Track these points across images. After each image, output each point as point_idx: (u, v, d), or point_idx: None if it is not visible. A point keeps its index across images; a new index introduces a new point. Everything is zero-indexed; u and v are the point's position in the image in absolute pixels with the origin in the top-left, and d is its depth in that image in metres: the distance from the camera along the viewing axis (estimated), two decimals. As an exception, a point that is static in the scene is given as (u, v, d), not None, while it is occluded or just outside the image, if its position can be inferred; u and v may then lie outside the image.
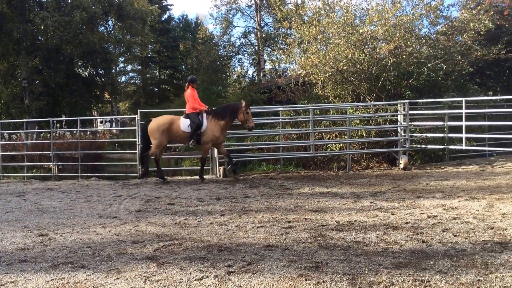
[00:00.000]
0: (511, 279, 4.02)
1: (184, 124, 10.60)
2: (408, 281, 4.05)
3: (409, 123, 12.73)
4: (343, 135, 13.21)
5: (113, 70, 34.76)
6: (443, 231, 5.67)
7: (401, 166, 12.05)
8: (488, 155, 14.45)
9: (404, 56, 13.48)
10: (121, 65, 41.13)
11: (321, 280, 4.10)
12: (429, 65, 13.97)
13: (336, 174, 11.66)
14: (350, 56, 13.16)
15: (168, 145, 11.37)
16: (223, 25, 33.35)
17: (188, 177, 11.98)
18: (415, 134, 13.28)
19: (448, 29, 14.63)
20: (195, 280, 4.19)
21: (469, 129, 13.10)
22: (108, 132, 23.16)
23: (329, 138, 13.46)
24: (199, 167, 11.27)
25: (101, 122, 31.35)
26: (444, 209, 6.99)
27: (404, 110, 12.62)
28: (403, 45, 13.10)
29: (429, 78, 14.43)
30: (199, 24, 45.80)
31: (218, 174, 11.62)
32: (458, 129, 12.81)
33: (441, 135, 13.42)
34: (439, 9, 14.13)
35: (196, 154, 13.82)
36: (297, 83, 15.86)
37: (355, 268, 4.40)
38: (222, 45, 34.96)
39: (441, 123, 13.37)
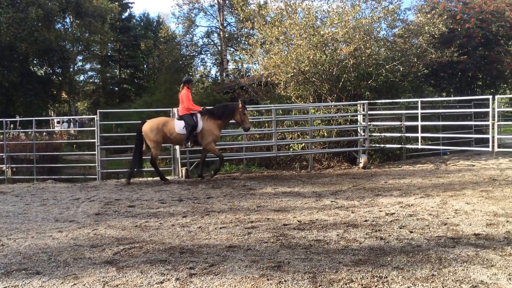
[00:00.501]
0: (463, 273, 4.19)
1: (178, 125, 10.50)
2: (367, 278, 4.14)
3: (368, 123, 13.03)
4: (305, 135, 13.37)
5: (71, 69, 33.73)
6: (400, 228, 5.84)
7: (361, 165, 12.32)
8: (442, 153, 15.00)
9: (364, 58, 13.78)
10: (80, 63, 39.94)
11: (283, 280, 4.14)
12: (387, 66, 14.34)
13: (298, 174, 11.79)
14: (311, 57, 13.32)
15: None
16: (186, 24, 33.02)
17: (150, 178, 11.80)
18: (374, 134, 13.60)
19: (404, 32, 15.07)
20: (156, 283, 4.14)
21: (425, 129, 13.55)
22: (66, 132, 22.44)
23: (291, 138, 13.59)
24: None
25: (58, 122, 30.37)
26: (401, 206, 7.21)
27: (363, 110, 12.91)
28: (362, 47, 13.39)
29: (387, 79, 14.83)
30: (161, 23, 45.17)
31: (180, 175, 11.52)
32: (414, 129, 13.22)
33: (399, 134, 13.81)
34: (396, 12, 14.53)
35: (161, 155, 13.65)
36: (260, 83, 15.92)
37: (316, 267, 4.46)
38: (185, 44, 34.62)
39: (399, 123, 13.77)
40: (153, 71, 39.07)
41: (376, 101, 13.94)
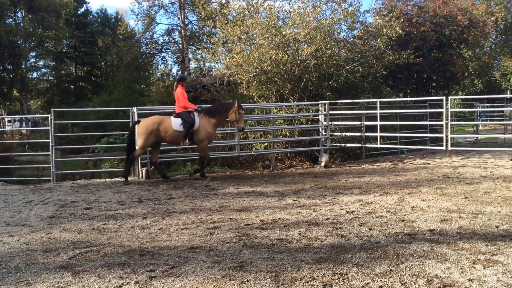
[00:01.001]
0: (419, 267, 4.30)
1: (175, 123, 10.38)
2: (328, 275, 4.18)
3: (330, 122, 13.20)
4: (267, 135, 13.39)
5: (23, 66, 32.47)
6: (360, 225, 5.93)
7: (322, 164, 12.47)
8: (399, 152, 15.42)
9: (325, 58, 13.94)
10: (32, 60, 38.46)
11: (245, 280, 4.11)
12: (347, 67, 14.58)
13: (261, 173, 11.80)
14: (273, 57, 13.36)
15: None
16: (145, 21, 32.39)
17: (108, 179, 11.48)
18: (335, 133, 13.80)
19: (364, 34, 15.38)
20: (114, 287, 4.02)
21: (383, 128, 13.88)
22: (17, 132, 21.56)
23: (254, 138, 13.57)
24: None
25: (9, 121, 29.12)
26: (361, 204, 7.33)
27: (325, 110, 13.07)
28: (323, 47, 13.54)
29: (348, 80, 15.10)
30: (119, 19, 44.10)
31: (140, 176, 11.28)
32: (373, 129, 13.52)
33: (359, 134, 14.07)
34: (355, 14, 14.80)
35: (118, 155, 13.32)
36: (222, 82, 15.80)
37: (278, 266, 4.46)
38: (145, 42, 33.97)
39: (359, 122, 14.03)
40: (111, 68, 38.16)
41: (337, 101, 14.16)
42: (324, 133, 13.14)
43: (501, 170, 10.65)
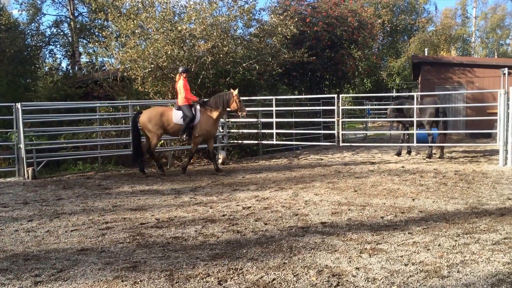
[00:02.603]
0: (311, 259, 4.50)
1: (176, 116, 10.34)
2: (223, 271, 4.21)
3: (227, 120, 13.29)
4: (163, 132, 13.12)
5: None
6: (256, 221, 6.06)
7: (220, 161, 12.54)
8: (295, 148, 16.03)
9: (221, 55, 13.98)
10: None
11: (139, 280, 4.02)
12: (244, 65, 14.79)
13: (158, 171, 11.52)
14: (169, 52, 13.09)
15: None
16: (31, 11, 29.91)
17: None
18: (232, 130, 13.92)
19: (260, 32, 15.70)
20: (-9, 297, 3.67)
21: (279, 125, 14.32)
22: None
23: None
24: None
25: None
26: (257, 200, 7.49)
27: (222, 107, 13.13)
28: (220, 44, 13.57)
29: (244, 77, 15.32)
30: (0, 8, 40.21)
31: (26, 176, 10.40)
32: (269, 125, 13.89)
33: (255, 131, 14.36)
34: (251, 12, 15.02)
35: (3, 155, 12.14)
36: (116, 78, 15.12)
37: (173, 264, 4.42)
38: (30, 33, 31.33)
39: (255, 120, 14.32)
40: (-8, 61, 34.65)
41: (234, 98, 14.26)
42: (221, 130, 13.21)
43: (387, 164, 11.56)
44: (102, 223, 6.11)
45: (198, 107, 10.54)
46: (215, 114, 10.58)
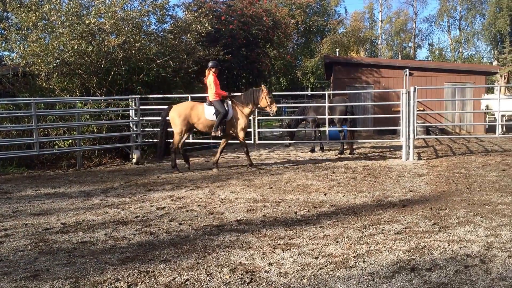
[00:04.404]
0: (225, 257, 4.46)
1: (208, 111, 10.15)
2: (134, 275, 4.04)
3: (141, 118, 12.89)
4: (72, 131, 12.41)
5: None
6: (170, 221, 5.90)
7: (134, 160, 12.12)
8: (212, 147, 15.93)
9: (134, 51, 13.47)
10: None
11: (39, 290, 3.73)
12: (158, 61, 14.40)
13: (66, 173, 10.88)
14: (76, 47, 12.33)
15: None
16: None
17: None
18: (147, 129, 13.52)
19: (174, 28, 15.36)
20: None
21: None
22: None
23: (56, 135, 12.43)
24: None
25: None
26: (172, 200, 7.32)
27: (135, 105, 12.72)
28: (132, 40, 13.07)
29: (159, 75, 14.91)
30: None
31: None
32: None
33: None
34: (165, 8, 14.62)
35: None
36: (17, 73, 13.99)
37: (79, 270, 4.18)
38: None
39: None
40: None
41: (148, 96, 13.87)
42: (135, 129, 12.78)
43: (301, 161, 11.87)
44: (1, 231, 5.62)
45: (229, 102, 10.33)
46: (246, 111, 10.41)
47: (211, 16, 16.95)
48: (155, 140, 13.65)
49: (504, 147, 13.35)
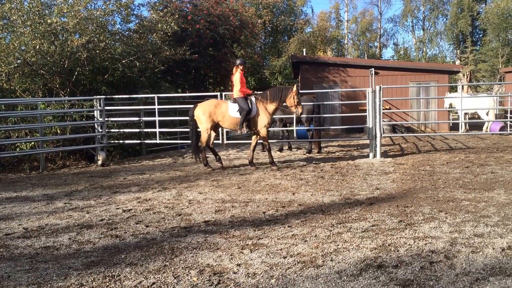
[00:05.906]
0: (192, 259, 4.42)
1: (232, 108, 10.10)
2: (99, 279, 3.96)
3: (106, 119, 12.64)
4: (34, 133, 12.05)
5: None
6: (137, 224, 5.81)
7: (99, 162, 11.87)
8: (180, 147, 15.80)
9: (98, 51, 13.21)
10: None
11: (-1, 299, 3.60)
12: (124, 61, 14.15)
13: (28, 176, 10.56)
14: (38, 47, 11.99)
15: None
16: None
17: None
18: (112, 130, 13.27)
19: (139, 28, 15.14)
20: None
21: (163, 124, 13.97)
22: None
23: (18, 137, 12.06)
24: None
25: None
26: (139, 201, 7.21)
27: (100, 105, 12.47)
28: (96, 39, 12.81)
29: (124, 75, 14.66)
30: None
31: None
32: (152, 124, 13.48)
33: (138, 130, 13.84)
34: (130, 7, 14.37)
35: None
36: (-24, 74, 13.50)
37: (42, 276, 4.06)
38: None
39: (137, 118, 13.80)
40: None
41: (114, 96, 13.61)
42: (100, 130, 12.52)
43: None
44: (-42, 237, 5.41)
45: (253, 99, 10.19)
46: (271, 108, 10.24)
47: (177, 16, 16.78)
48: (120, 142, 13.45)
49: (468, 145, 13.76)
